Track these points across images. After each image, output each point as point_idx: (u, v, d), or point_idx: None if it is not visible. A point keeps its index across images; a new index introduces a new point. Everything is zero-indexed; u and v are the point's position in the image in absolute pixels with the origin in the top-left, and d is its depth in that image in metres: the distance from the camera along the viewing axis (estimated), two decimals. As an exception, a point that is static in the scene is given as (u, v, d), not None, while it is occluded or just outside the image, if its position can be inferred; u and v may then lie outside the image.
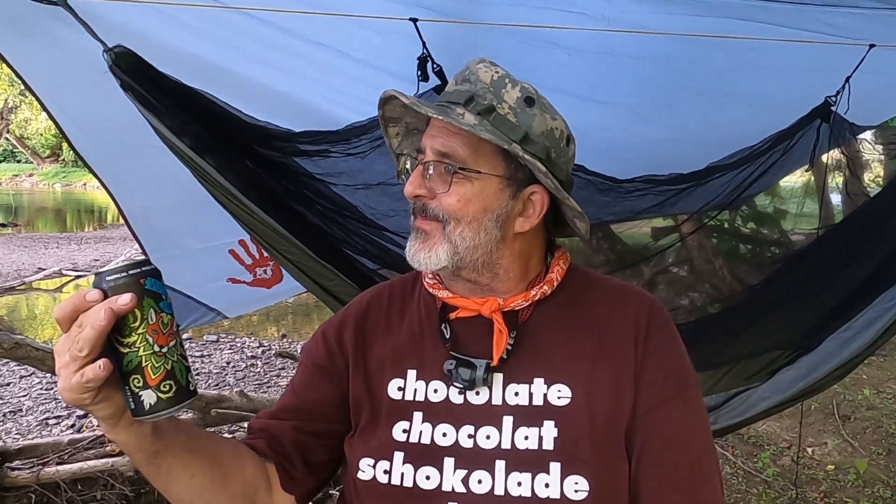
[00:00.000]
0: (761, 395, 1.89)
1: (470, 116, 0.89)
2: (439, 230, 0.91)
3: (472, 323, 0.95)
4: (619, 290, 1.00)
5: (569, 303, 0.97)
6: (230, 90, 1.63)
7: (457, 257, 0.91)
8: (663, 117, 2.08)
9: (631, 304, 0.96)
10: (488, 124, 0.88)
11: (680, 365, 0.93)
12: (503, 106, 0.90)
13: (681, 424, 0.89)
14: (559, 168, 0.94)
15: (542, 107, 0.93)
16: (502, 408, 0.89)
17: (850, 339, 1.82)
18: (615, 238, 2.48)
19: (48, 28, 1.55)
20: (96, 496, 3.15)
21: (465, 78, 0.93)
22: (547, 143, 0.92)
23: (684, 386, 0.91)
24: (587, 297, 0.98)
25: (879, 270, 1.84)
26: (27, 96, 6.59)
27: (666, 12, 1.59)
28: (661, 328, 0.94)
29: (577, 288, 0.99)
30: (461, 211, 0.90)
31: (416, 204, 0.93)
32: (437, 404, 0.92)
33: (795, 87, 2.00)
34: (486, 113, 0.89)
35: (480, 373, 0.89)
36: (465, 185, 0.90)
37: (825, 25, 1.60)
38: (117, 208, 2.13)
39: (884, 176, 2.37)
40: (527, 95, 0.91)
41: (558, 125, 0.94)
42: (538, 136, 0.91)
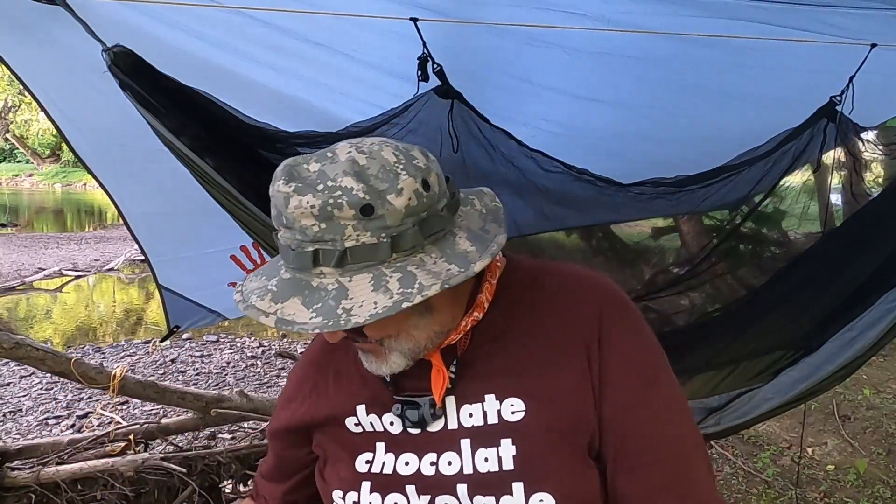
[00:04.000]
0: (764, 396, 1.88)
1: (330, 274, 0.74)
2: (380, 348, 0.85)
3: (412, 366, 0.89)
4: (569, 284, 0.91)
5: (514, 308, 0.90)
6: (229, 90, 1.63)
7: (409, 355, 0.86)
8: (664, 117, 2.08)
9: (583, 299, 0.89)
10: (355, 266, 0.73)
11: (644, 356, 0.87)
12: (348, 235, 0.73)
13: (654, 421, 0.84)
14: (437, 219, 0.77)
15: (380, 197, 0.72)
16: (458, 431, 0.86)
17: (853, 340, 1.81)
18: (615, 238, 2.48)
19: (47, 28, 1.54)
20: (96, 496, 3.14)
21: (289, 225, 0.74)
22: (413, 219, 0.75)
23: (652, 377, 0.86)
24: (534, 297, 0.91)
25: (881, 271, 1.84)
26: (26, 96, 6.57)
27: (667, 13, 1.59)
28: (618, 321, 0.87)
29: (523, 290, 0.92)
30: (385, 335, 0.84)
31: (347, 339, 0.86)
32: (397, 436, 0.89)
33: (796, 88, 2.00)
34: (342, 259, 0.73)
35: (427, 410, 0.85)
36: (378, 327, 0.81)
37: (826, 25, 1.60)
38: (117, 210, 2.13)
39: (884, 176, 2.37)
40: (361, 206, 0.71)
41: (406, 188, 0.74)
42: (401, 226, 0.74)
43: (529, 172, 1.87)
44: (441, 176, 0.81)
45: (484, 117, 1.74)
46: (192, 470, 3.23)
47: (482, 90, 1.77)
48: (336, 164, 0.74)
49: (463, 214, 0.83)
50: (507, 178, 1.89)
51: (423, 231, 0.75)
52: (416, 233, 0.75)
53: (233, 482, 3.20)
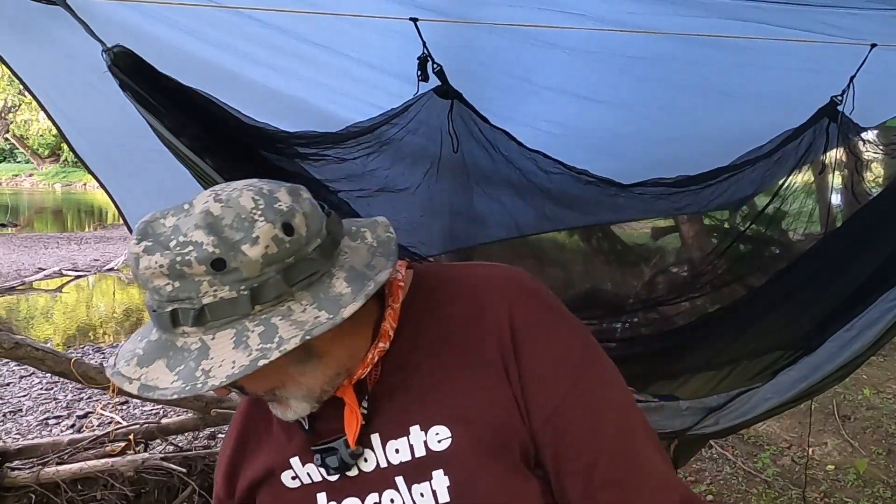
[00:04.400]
0: (763, 396, 1.88)
1: (193, 333, 0.71)
2: (273, 397, 0.81)
3: (329, 403, 0.85)
4: (475, 290, 0.86)
5: (422, 330, 0.85)
6: (229, 90, 1.63)
7: (311, 399, 0.81)
8: (665, 118, 2.08)
9: (490, 303, 0.83)
10: (216, 323, 0.70)
11: (565, 348, 0.82)
12: (205, 292, 0.69)
13: (587, 417, 0.80)
14: (307, 263, 0.72)
15: (233, 248, 0.68)
16: (391, 469, 0.82)
17: (852, 340, 1.81)
18: (615, 238, 2.48)
19: (47, 28, 1.54)
20: (96, 496, 3.15)
21: (145, 286, 0.72)
22: (275, 266, 0.70)
23: (578, 370, 0.81)
24: (441, 313, 0.85)
25: (881, 271, 1.84)
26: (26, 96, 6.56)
27: (667, 13, 1.59)
28: (531, 318, 0.82)
29: (429, 306, 0.86)
30: (268, 388, 0.80)
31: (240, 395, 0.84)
32: (336, 482, 0.85)
33: (797, 88, 2.00)
34: (201, 317, 0.69)
35: (344, 452, 0.81)
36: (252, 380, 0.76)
37: (826, 26, 1.60)
38: (117, 209, 2.13)
39: (884, 176, 2.37)
40: (211, 260, 0.67)
41: (263, 235, 0.69)
42: (261, 276, 0.70)
43: (530, 173, 1.87)
44: (314, 215, 0.74)
45: (484, 117, 1.74)
46: (192, 470, 3.23)
47: (482, 90, 1.77)
48: (190, 217, 0.70)
49: (349, 250, 0.78)
50: (508, 178, 1.89)
51: (288, 278, 0.71)
52: (280, 281, 0.70)
53: (233, 482, 3.19)
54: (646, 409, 1.89)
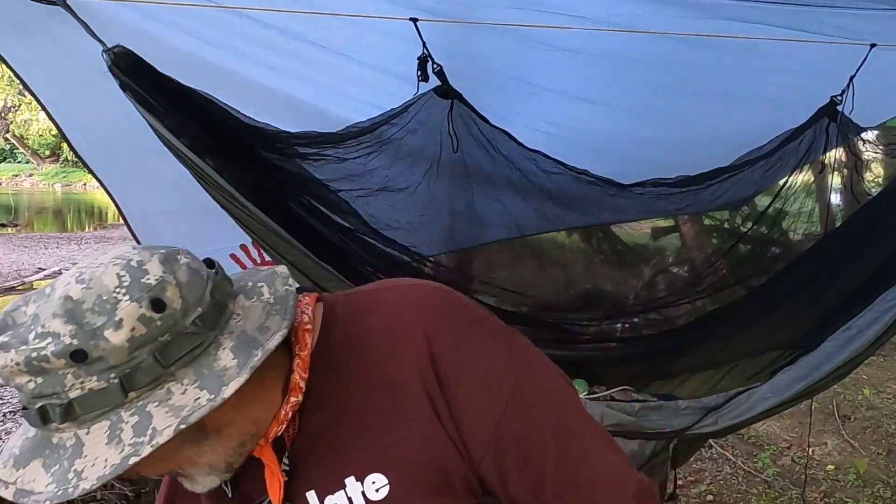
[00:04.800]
0: (762, 396, 1.88)
1: (67, 428, 0.64)
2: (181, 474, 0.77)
3: (250, 463, 0.79)
4: (388, 322, 0.79)
5: (339, 375, 0.78)
6: (229, 90, 1.63)
7: (218, 472, 0.76)
8: (664, 118, 2.08)
9: (406, 333, 0.77)
10: (88, 416, 0.64)
11: (494, 367, 0.76)
12: (70, 385, 0.63)
13: (526, 435, 0.76)
14: (186, 338, 0.66)
15: (93, 336, 0.62)
16: None
17: (851, 339, 1.81)
18: (615, 238, 2.48)
19: (47, 28, 1.55)
20: (96, 496, 3.15)
21: (8, 385, 0.66)
22: (147, 348, 0.64)
23: (510, 385, 0.75)
24: (356, 353, 0.79)
25: (880, 270, 1.84)
26: (26, 96, 6.56)
27: (667, 15, 1.59)
28: (449, 343, 0.76)
29: (343, 350, 0.79)
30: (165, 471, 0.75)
31: None
32: None
33: (796, 88, 2.00)
34: (70, 412, 0.63)
35: None
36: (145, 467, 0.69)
37: (826, 26, 1.60)
38: (117, 209, 2.13)
39: (884, 176, 2.37)
40: (71, 352, 0.61)
41: (128, 317, 0.63)
42: (132, 361, 0.64)
43: (530, 173, 1.87)
44: (192, 282, 0.68)
45: (484, 117, 1.75)
46: (193, 470, 3.23)
47: (482, 91, 1.77)
48: (49, 304, 0.64)
49: (243, 311, 0.72)
50: (508, 178, 1.89)
51: (164, 358, 0.64)
52: (154, 364, 0.64)
53: (233, 482, 3.19)
54: (644, 409, 1.89)
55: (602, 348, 2.20)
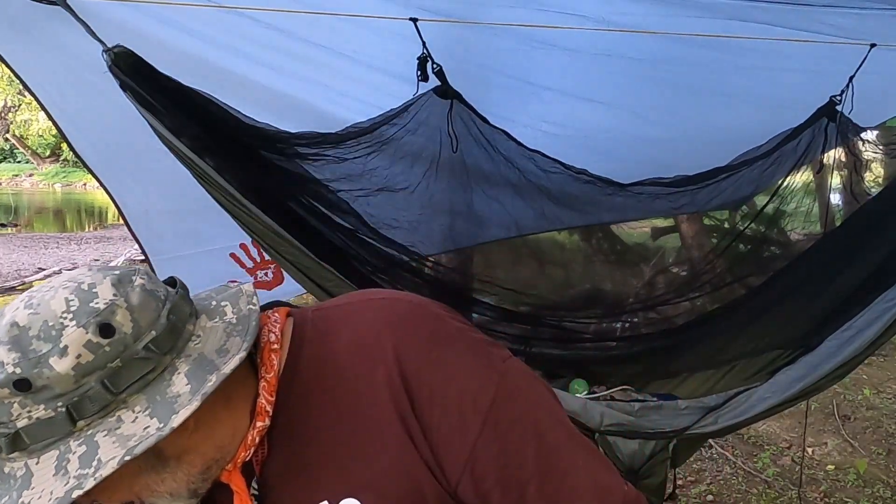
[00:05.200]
0: (761, 395, 1.88)
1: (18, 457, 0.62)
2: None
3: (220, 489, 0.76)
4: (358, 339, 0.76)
5: (308, 398, 0.75)
6: (229, 90, 1.63)
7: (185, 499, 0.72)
8: (663, 118, 2.09)
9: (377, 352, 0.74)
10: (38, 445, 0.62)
11: (468, 385, 0.73)
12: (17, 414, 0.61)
13: (506, 454, 0.73)
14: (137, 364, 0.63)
15: (36, 363, 0.60)
16: None
17: (851, 339, 1.81)
18: (615, 238, 2.48)
19: (47, 28, 1.55)
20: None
21: None
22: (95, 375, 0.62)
23: (486, 402, 0.73)
24: (326, 373, 0.76)
25: (879, 270, 1.84)
26: (26, 96, 6.55)
27: (666, 14, 1.59)
28: (421, 359, 0.73)
29: (312, 369, 0.76)
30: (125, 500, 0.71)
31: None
32: None
33: (796, 88, 2.00)
34: (17, 442, 0.62)
35: None
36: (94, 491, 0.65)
37: (826, 26, 1.60)
38: (117, 209, 2.13)
39: (884, 176, 2.38)
40: (13, 381, 0.60)
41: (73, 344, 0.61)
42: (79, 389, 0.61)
43: (529, 173, 1.87)
44: (144, 305, 0.65)
45: (483, 117, 1.75)
46: (193, 469, 3.23)
47: (482, 90, 1.78)
48: None
49: (203, 333, 0.69)
50: (508, 178, 1.89)
51: (115, 385, 0.62)
52: (102, 391, 0.61)
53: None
54: (644, 408, 1.89)
55: (602, 348, 2.20)
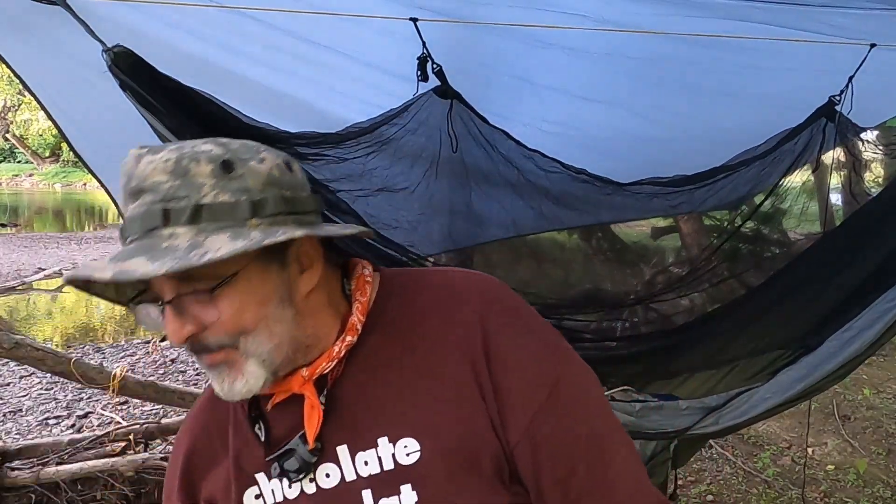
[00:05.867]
0: (763, 396, 1.88)
1: (183, 234, 0.68)
2: (234, 354, 0.75)
3: (290, 405, 0.82)
4: (445, 297, 0.83)
5: (390, 334, 0.82)
6: (229, 90, 1.63)
7: (269, 365, 0.76)
8: (663, 118, 2.08)
9: (461, 312, 0.81)
10: (210, 226, 0.69)
11: (539, 358, 0.80)
12: (205, 193, 0.69)
13: (561, 428, 0.78)
14: (302, 202, 0.76)
15: (240, 159, 0.72)
16: (358, 482, 0.78)
17: (852, 339, 1.81)
18: (615, 238, 2.48)
19: (47, 28, 1.54)
20: (96, 496, 3.15)
21: (138, 189, 0.70)
22: (275, 190, 0.73)
23: (553, 380, 0.79)
24: (411, 319, 0.83)
25: (880, 270, 1.84)
26: (26, 96, 6.55)
27: (667, 14, 1.59)
28: (503, 327, 0.80)
29: (398, 311, 0.84)
30: (243, 323, 0.74)
31: (194, 345, 0.75)
32: (296, 500, 0.81)
33: (796, 88, 2.00)
34: (196, 215, 0.68)
35: (303, 450, 0.77)
36: (230, 295, 0.72)
37: (825, 25, 1.60)
38: (117, 209, 2.13)
39: (884, 176, 2.37)
40: (221, 161, 0.70)
41: (268, 160, 0.75)
42: (263, 193, 0.72)
43: (528, 172, 1.87)
44: (305, 179, 0.81)
45: (483, 117, 1.74)
46: (192, 470, 3.23)
47: (482, 90, 1.77)
48: (194, 141, 0.74)
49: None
50: (507, 177, 1.89)
51: (288, 204, 0.73)
52: (279, 202, 0.72)
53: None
54: (645, 409, 1.89)
55: (602, 347, 2.20)
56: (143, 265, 0.64)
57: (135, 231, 0.70)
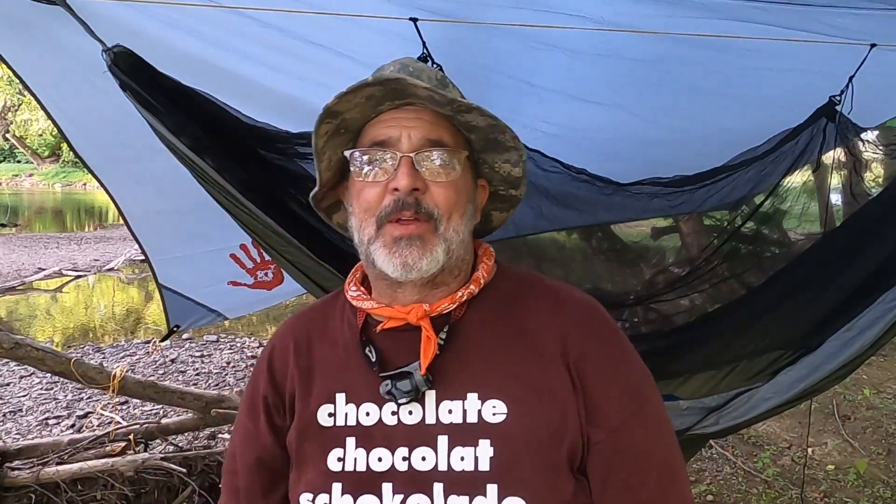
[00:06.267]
0: (763, 396, 1.88)
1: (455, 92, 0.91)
2: (431, 230, 0.85)
3: (400, 334, 0.89)
4: (555, 298, 0.92)
5: (501, 308, 0.91)
6: (229, 90, 1.63)
7: (446, 258, 0.86)
8: (663, 118, 2.08)
9: (570, 314, 0.89)
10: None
11: (633, 375, 0.88)
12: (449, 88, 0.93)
13: (644, 441, 0.85)
14: None
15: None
16: (436, 427, 0.84)
17: (852, 340, 1.81)
18: (615, 238, 2.48)
19: (47, 28, 1.54)
20: (96, 496, 3.14)
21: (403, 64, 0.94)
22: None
23: (642, 398, 0.87)
24: (519, 303, 0.92)
25: (880, 271, 1.83)
26: (26, 96, 6.57)
27: (666, 14, 1.59)
28: (605, 341, 0.88)
29: (509, 292, 0.93)
30: (455, 204, 0.86)
31: (407, 200, 0.84)
32: (371, 428, 0.86)
33: (796, 88, 2.00)
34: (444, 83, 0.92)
35: (419, 378, 0.84)
36: (453, 175, 0.87)
37: (825, 26, 1.60)
38: (117, 209, 2.13)
39: (884, 176, 2.37)
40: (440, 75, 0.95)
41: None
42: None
43: (529, 172, 1.86)
44: None
45: (483, 117, 1.74)
46: (192, 470, 3.23)
47: (481, 91, 1.77)
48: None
49: None
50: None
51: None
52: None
53: (233, 482, 3.19)
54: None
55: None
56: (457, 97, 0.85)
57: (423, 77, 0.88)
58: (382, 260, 0.86)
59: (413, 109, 0.88)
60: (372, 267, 0.90)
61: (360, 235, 0.89)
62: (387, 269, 0.86)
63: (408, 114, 0.88)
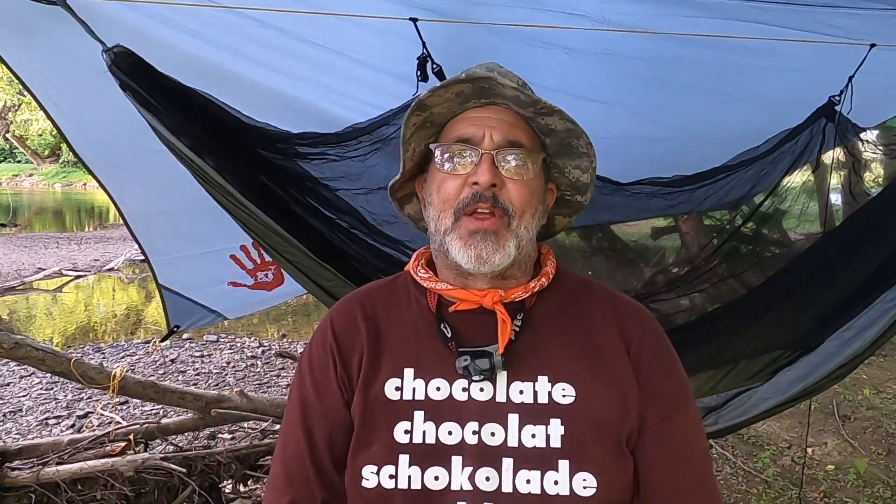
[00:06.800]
0: (762, 396, 1.88)
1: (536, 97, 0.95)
2: (504, 226, 0.91)
3: (472, 316, 0.95)
4: (613, 299, 1.02)
5: (565, 303, 0.99)
6: (229, 91, 1.63)
7: (516, 253, 0.92)
8: (663, 118, 2.08)
9: (629, 314, 0.99)
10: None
11: (680, 373, 0.98)
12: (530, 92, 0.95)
13: (687, 433, 0.94)
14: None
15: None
16: (507, 405, 0.90)
17: (851, 339, 1.81)
18: (615, 238, 2.48)
19: (47, 28, 1.54)
20: (96, 496, 3.14)
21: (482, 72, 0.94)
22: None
23: (686, 395, 0.96)
24: (582, 299, 1.00)
25: (880, 271, 1.84)
26: (26, 96, 6.57)
27: (666, 14, 1.59)
28: (659, 341, 0.98)
29: (573, 289, 1.02)
30: (528, 203, 0.93)
31: (485, 194, 0.90)
32: (441, 402, 0.90)
33: (795, 88, 2.00)
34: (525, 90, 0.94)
35: (497, 358, 0.90)
36: (529, 175, 0.93)
37: (825, 26, 1.60)
38: (117, 210, 2.13)
39: (884, 176, 2.37)
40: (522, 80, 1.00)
41: None
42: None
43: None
44: None
45: (483, 117, 1.74)
46: (192, 470, 3.23)
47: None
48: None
49: None
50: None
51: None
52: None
53: (233, 482, 3.20)
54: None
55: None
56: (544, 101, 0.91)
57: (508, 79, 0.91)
58: (457, 251, 0.92)
59: (496, 110, 0.95)
60: (444, 256, 0.95)
61: (437, 225, 0.95)
62: (461, 261, 0.91)
63: (491, 113, 0.95)
